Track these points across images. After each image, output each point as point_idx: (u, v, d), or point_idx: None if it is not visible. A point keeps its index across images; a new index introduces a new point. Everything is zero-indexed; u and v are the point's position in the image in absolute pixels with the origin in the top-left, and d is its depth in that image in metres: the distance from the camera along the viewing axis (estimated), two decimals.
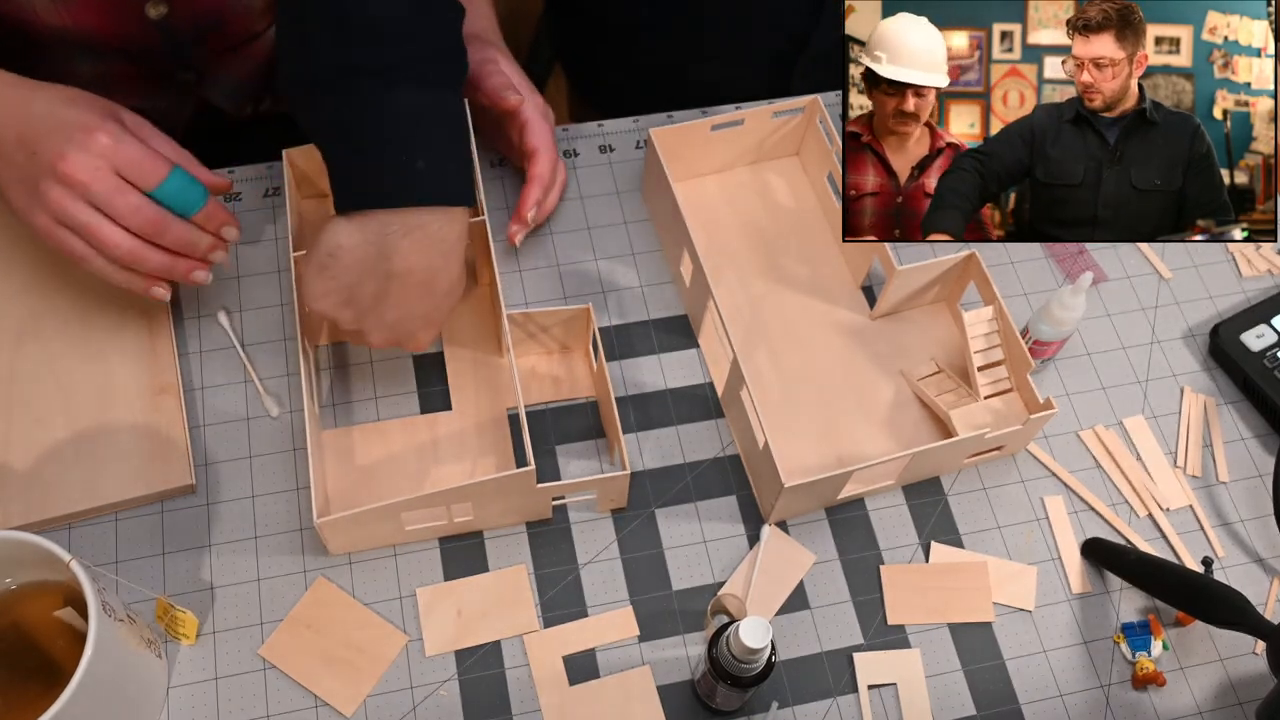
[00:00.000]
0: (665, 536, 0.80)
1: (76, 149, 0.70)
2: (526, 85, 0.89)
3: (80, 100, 0.73)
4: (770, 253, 0.92)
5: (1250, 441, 0.87)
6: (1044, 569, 0.80)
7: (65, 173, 0.70)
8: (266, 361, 0.84)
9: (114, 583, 0.74)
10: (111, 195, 0.71)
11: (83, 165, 0.70)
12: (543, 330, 0.83)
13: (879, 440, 0.84)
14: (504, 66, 0.88)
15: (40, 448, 0.78)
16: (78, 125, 0.71)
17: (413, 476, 0.80)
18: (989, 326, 0.83)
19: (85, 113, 0.72)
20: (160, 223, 0.73)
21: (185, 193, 0.74)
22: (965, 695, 0.76)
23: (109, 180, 0.71)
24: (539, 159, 0.86)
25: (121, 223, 0.72)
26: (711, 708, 0.74)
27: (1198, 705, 0.76)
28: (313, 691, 0.73)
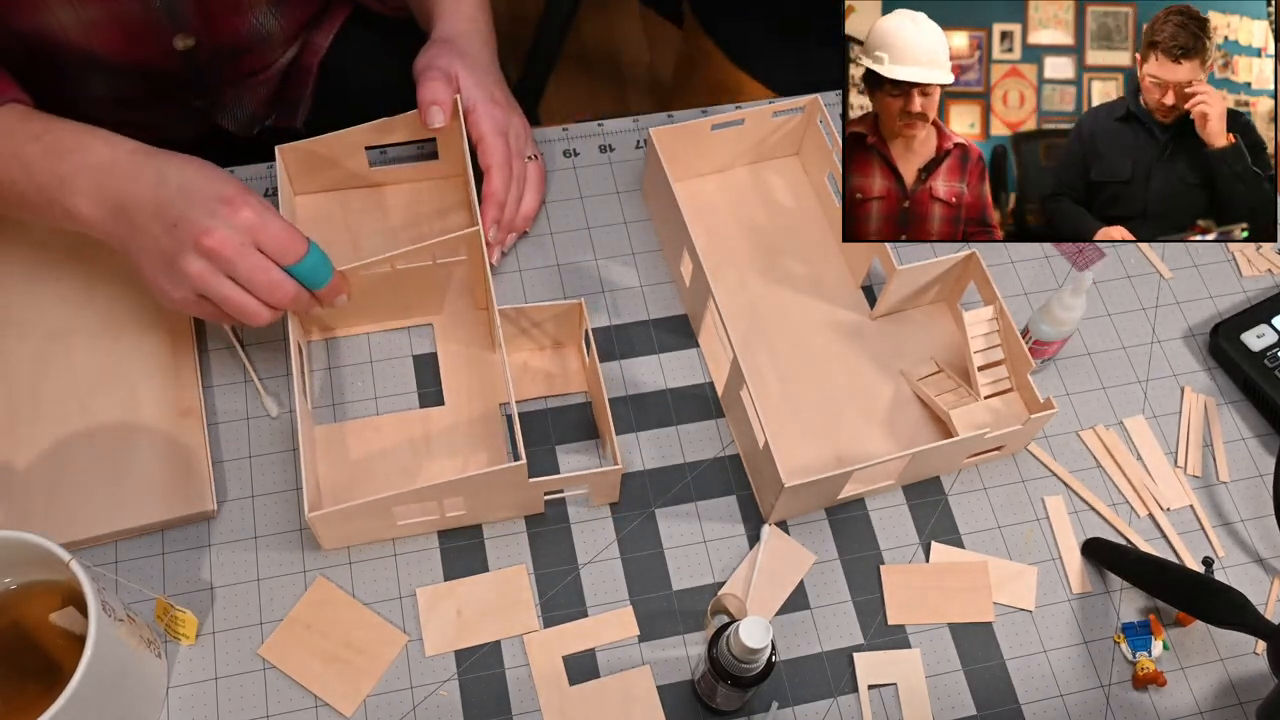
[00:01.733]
0: (665, 536, 0.80)
1: (221, 224, 0.70)
2: (493, 97, 0.85)
3: (214, 172, 0.73)
4: (770, 252, 0.92)
5: (1250, 441, 0.87)
6: (1044, 569, 0.80)
7: (210, 247, 0.70)
8: (266, 361, 0.84)
9: (114, 582, 0.74)
10: (254, 271, 0.71)
11: (227, 241, 0.70)
12: (535, 325, 0.83)
13: (879, 440, 0.83)
14: (463, 79, 0.84)
15: (62, 470, 0.77)
16: (220, 199, 0.70)
17: (406, 472, 0.80)
18: (989, 326, 0.83)
19: (223, 185, 0.71)
20: (297, 298, 0.74)
21: (319, 269, 0.74)
22: (965, 695, 0.76)
23: (252, 257, 0.71)
24: (491, 177, 0.84)
25: (260, 297, 0.72)
26: (712, 708, 0.74)
27: (1198, 705, 0.76)
28: (312, 691, 0.73)
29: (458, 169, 0.92)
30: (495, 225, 0.84)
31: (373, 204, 0.91)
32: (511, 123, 0.87)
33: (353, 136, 0.86)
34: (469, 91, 0.84)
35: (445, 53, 0.85)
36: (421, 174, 0.92)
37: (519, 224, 0.89)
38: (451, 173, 0.92)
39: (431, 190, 0.92)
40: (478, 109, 0.84)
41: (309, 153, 0.86)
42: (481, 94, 0.84)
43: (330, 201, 0.91)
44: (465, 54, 0.86)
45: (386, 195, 0.92)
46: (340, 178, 0.90)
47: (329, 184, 0.90)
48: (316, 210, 0.90)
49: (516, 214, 0.88)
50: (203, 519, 0.78)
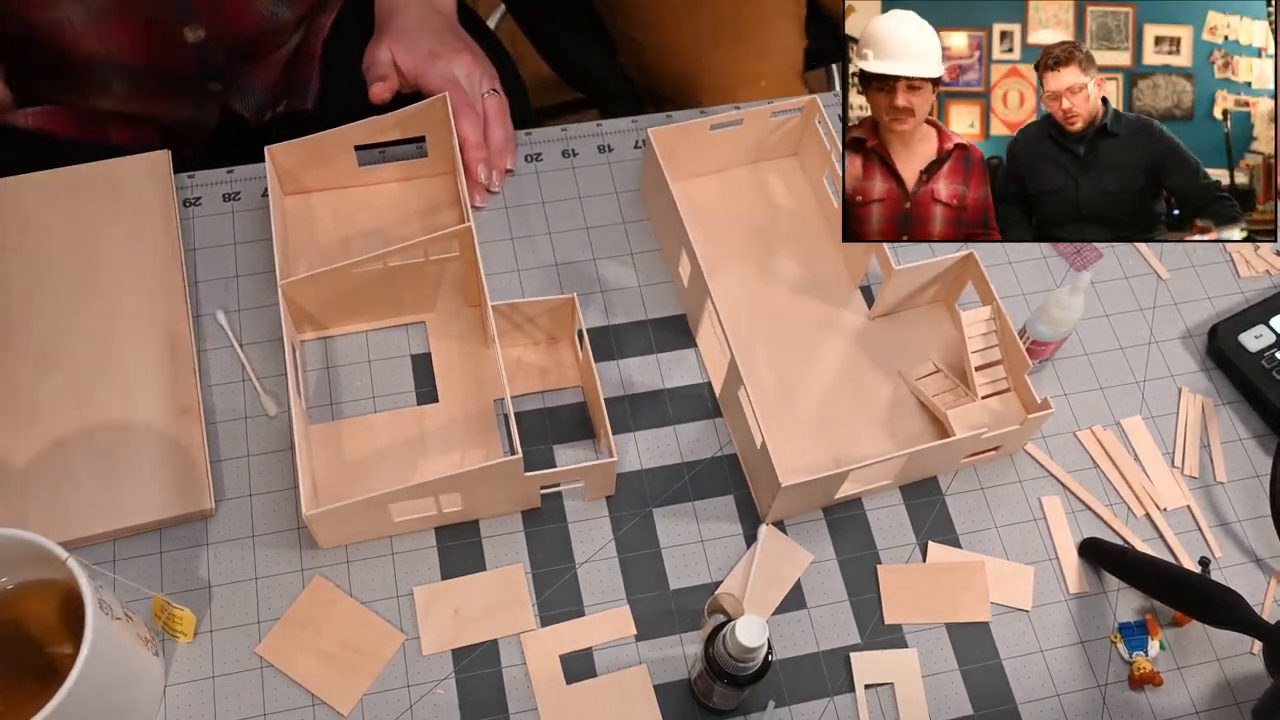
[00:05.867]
0: (662, 536, 0.80)
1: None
2: (432, 52, 0.88)
3: None
4: (768, 252, 0.92)
5: (1248, 442, 0.87)
6: (1041, 569, 0.80)
7: None
8: (264, 361, 0.84)
9: (111, 581, 0.74)
10: None
11: None
12: (529, 321, 0.83)
13: (876, 440, 0.84)
14: (399, 57, 0.88)
15: (61, 469, 0.77)
16: None
17: (402, 469, 0.80)
18: (987, 326, 0.83)
19: None
20: None
21: None
22: (962, 695, 0.76)
23: None
24: (458, 125, 0.87)
25: None
26: (708, 707, 0.74)
27: (1194, 705, 0.76)
28: (309, 690, 0.73)
29: (447, 166, 0.92)
30: (483, 165, 0.88)
31: (363, 202, 0.91)
32: (460, 65, 0.89)
33: (342, 136, 0.86)
34: (406, 64, 0.88)
35: (378, 44, 0.89)
36: (411, 172, 0.92)
37: (497, 161, 0.91)
38: (441, 170, 0.93)
39: (421, 188, 0.93)
40: (422, 71, 0.87)
41: (299, 153, 0.86)
42: (417, 57, 0.88)
43: (320, 201, 0.91)
44: (395, 30, 0.90)
45: (377, 194, 0.92)
46: (330, 177, 0.90)
47: (319, 183, 0.91)
48: (307, 209, 0.91)
49: (491, 151, 0.90)
50: (200, 518, 0.78)
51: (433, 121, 0.87)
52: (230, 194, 0.91)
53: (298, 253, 0.89)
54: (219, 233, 0.89)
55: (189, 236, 0.89)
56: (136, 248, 0.86)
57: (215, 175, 0.92)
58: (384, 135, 0.87)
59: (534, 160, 0.95)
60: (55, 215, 0.86)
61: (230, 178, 0.92)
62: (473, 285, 0.84)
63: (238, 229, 0.90)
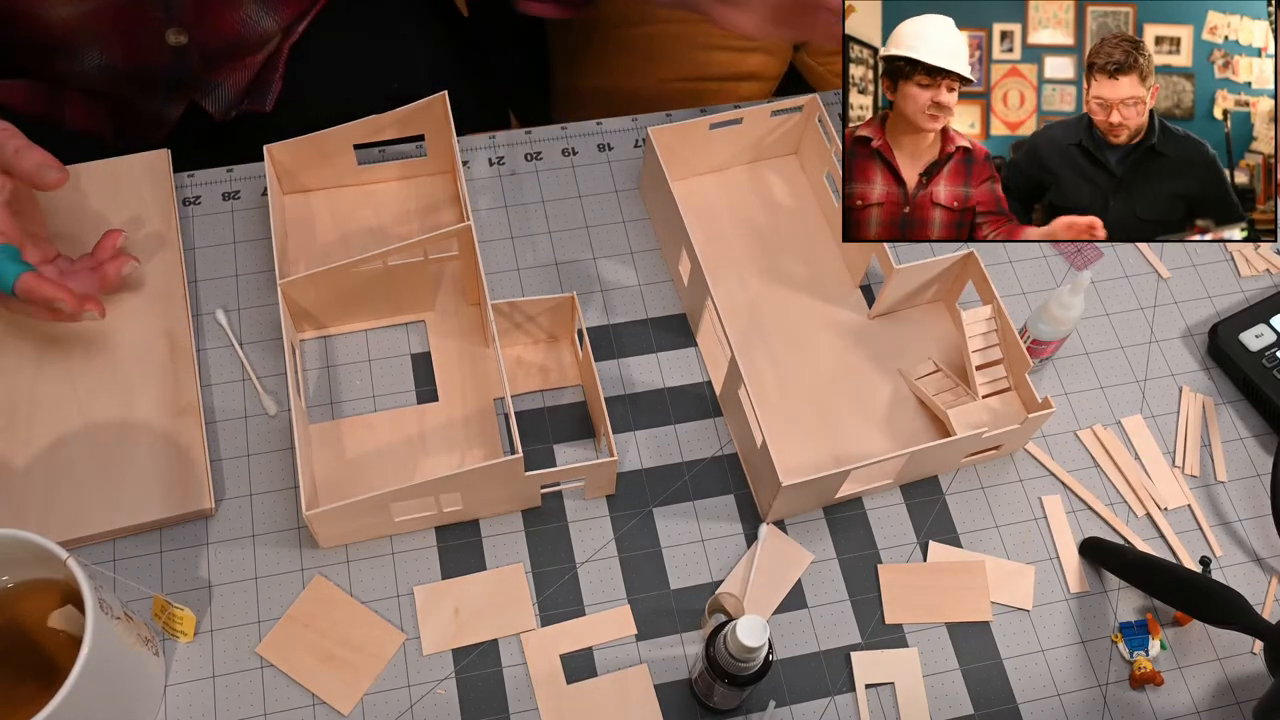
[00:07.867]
0: (663, 535, 0.80)
1: None
2: None
3: None
4: (768, 252, 0.92)
5: (1249, 441, 0.87)
6: (1042, 568, 0.80)
7: None
8: (264, 360, 0.84)
9: (111, 580, 0.74)
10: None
11: None
12: (529, 319, 0.83)
13: (877, 439, 0.84)
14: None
15: (60, 469, 0.77)
16: None
17: (402, 468, 0.80)
18: (987, 326, 0.83)
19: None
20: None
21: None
22: (963, 694, 0.76)
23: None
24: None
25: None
26: (709, 707, 0.74)
27: (1195, 705, 0.76)
28: (310, 690, 0.73)
29: (446, 165, 0.92)
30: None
31: (362, 202, 0.91)
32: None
33: (341, 135, 0.86)
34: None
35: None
36: (410, 170, 0.92)
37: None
38: (440, 169, 0.92)
39: (420, 187, 0.92)
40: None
41: (298, 151, 0.86)
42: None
43: (320, 199, 0.91)
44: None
45: (376, 193, 0.92)
46: (330, 175, 0.90)
47: (318, 182, 0.90)
48: (307, 208, 0.90)
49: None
50: (200, 517, 0.78)
51: (432, 120, 0.87)
52: (230, 193, 0.91)
53: (297, 252, 0.88)
54: (218, 232, 0.89)
55: (188, 235, 0.89)
56: (135, 246, 0.86)
57: (215, 174, 0.92)
58: (383, 134, 0.87)
59: (533, 159, 0.95)
60: (54, 214, 0.86)
61: (229, 176, 0.92)
62: (472, 284, 0.84)
63: (237, 228, 0.90)
